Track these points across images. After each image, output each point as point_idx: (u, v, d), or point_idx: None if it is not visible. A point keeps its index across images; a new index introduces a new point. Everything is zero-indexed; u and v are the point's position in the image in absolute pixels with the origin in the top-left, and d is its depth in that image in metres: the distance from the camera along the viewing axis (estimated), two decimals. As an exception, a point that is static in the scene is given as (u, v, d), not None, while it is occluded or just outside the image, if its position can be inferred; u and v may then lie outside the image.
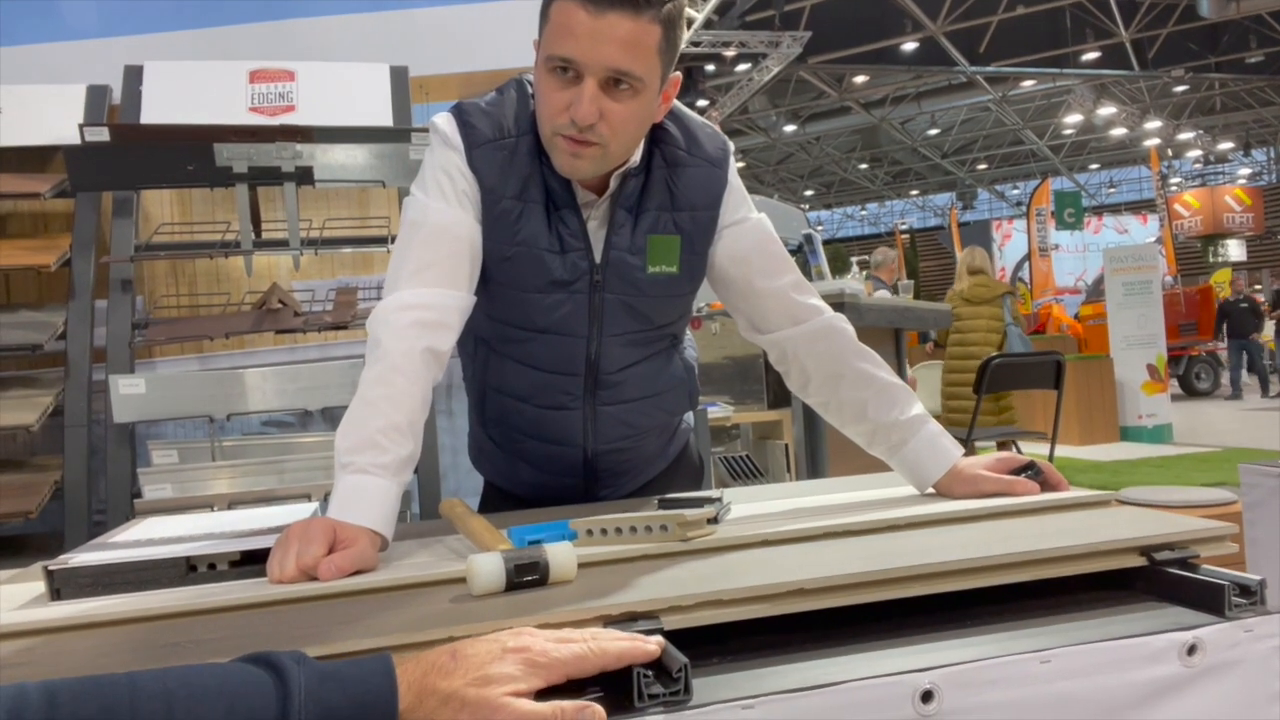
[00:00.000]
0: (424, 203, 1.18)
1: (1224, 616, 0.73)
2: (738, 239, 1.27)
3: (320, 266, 3.47)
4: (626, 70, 1.06)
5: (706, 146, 1.25)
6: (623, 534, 0.95)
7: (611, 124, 1.09)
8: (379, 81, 3.30)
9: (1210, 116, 22.97)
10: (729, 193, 1.26)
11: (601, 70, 1.06)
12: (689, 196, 1.23)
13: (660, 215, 1.22)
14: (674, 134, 1.23)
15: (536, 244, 1.20)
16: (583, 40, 1.05)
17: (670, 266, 1.24)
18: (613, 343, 1.27)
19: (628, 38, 1.05)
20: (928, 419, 1.21)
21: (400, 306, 1.12)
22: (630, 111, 1.09)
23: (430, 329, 1.11)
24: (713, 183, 1.24)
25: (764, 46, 14.44)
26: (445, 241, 1.17)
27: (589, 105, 1.06)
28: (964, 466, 1.16)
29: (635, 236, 1.21)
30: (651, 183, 1.21)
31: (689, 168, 1.23)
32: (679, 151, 1.22)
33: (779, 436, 3.74)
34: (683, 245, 1.24)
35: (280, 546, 0.92)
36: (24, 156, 3.10)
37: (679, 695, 0.62)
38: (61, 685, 0.52)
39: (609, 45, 1.04)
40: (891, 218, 31.93)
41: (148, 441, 2.80)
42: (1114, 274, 8.91)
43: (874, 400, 1.23)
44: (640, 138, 1.17)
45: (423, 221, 1.17)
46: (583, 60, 1.05)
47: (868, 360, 1.25)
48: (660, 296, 1.26)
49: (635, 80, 1.07)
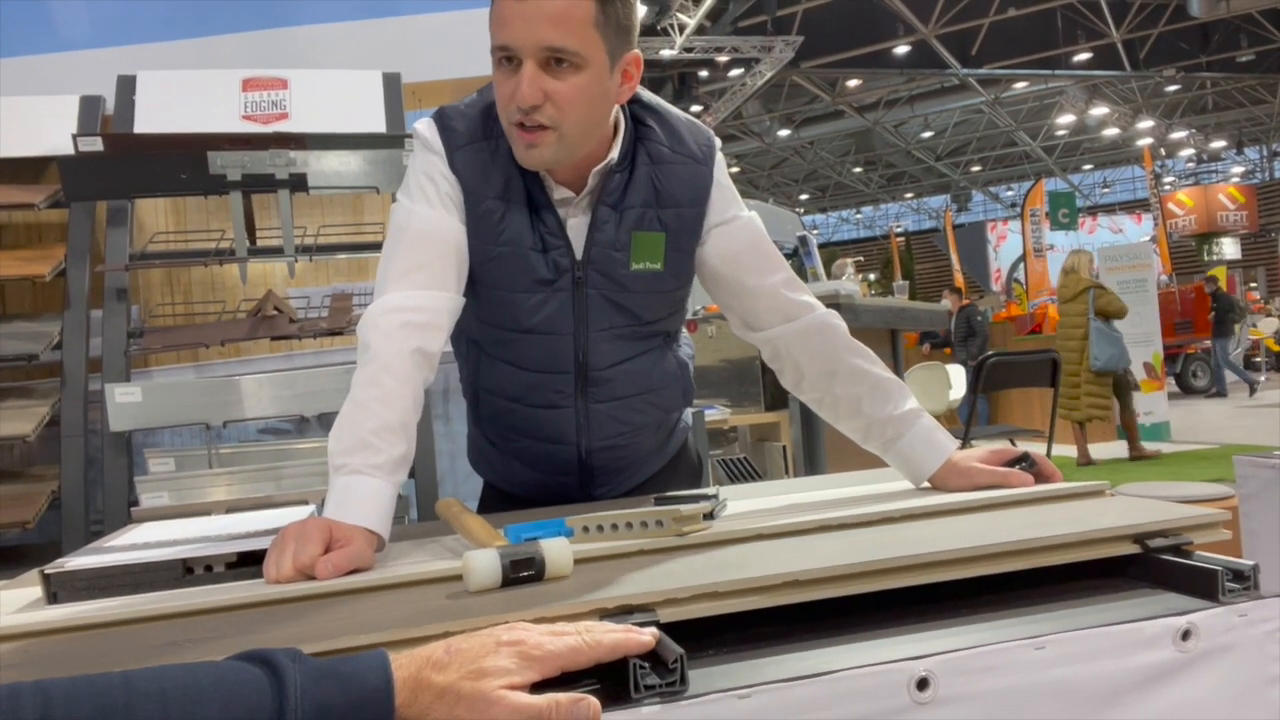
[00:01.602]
0: (409, 207, 1.19)
1: (1218, 601, 0.73)
2: (728, 238, 1.28)
3: (315, 273, 3.47)
4: (560, 46, 1.07)
5: (690, 143, 1.25)
6: (619, 530, 0.95)
7: (558, 104, 1.09)
8: (372, 88, 3.30)
9: (1202, 115, 23.03)
10: (716, 190, 1.26)
11: (535, 50, 1.07)
12: (673, 193, 1.23)
13: (645, 212, 1.22)
14: (657, 131, 1.24)
15: (521, 243, 1.20)
16: (514, 24, 1.06)
17: (654, 263, 1.24)
18: (599, 339, 1.27)
19: (556, 13, 1.06)
20: (921, 413, 1.21)
21: (388, 309, 1.13)
22: (575, 89, 1.09)
23: (419, 330, 1.12)
24: (697, 179, 1.24)
25: (756, 51, 14.47)
26: (431, 244, 1.17)
27: (528, 86, 1.07)
28: (958, 460, 1.16)
29: (619, 233, 1.22)
30: (635, 179, 1.22)
31: (673, 164, 1.23)
32: (662, 149, 1.23)
33: (777, 438, 3.75)
34: (667, 242, 1.24)
35: (276, 547, 0.92)
36: (17, 167, 3.09)
37: (675, 686, 0.62)
38: (56, 685, 0.52)
39: (538, 24, 1.05)
40: (886, 221, 31.96)
41: (144, 450, 2.80)
42: (1109, 273, 8.92)
43: (868, 395, 1.23)
44: (596, 120, 1.16)
45: (408, 226, 1.18)
46: (516, 44, 1.07)
47: (861, 356, 1.25)
48: (644, 292, 1.26)
49: (572, 55, 1.08)
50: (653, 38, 13.05)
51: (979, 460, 1.15)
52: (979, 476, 1.13)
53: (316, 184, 2.89)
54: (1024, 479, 1.11)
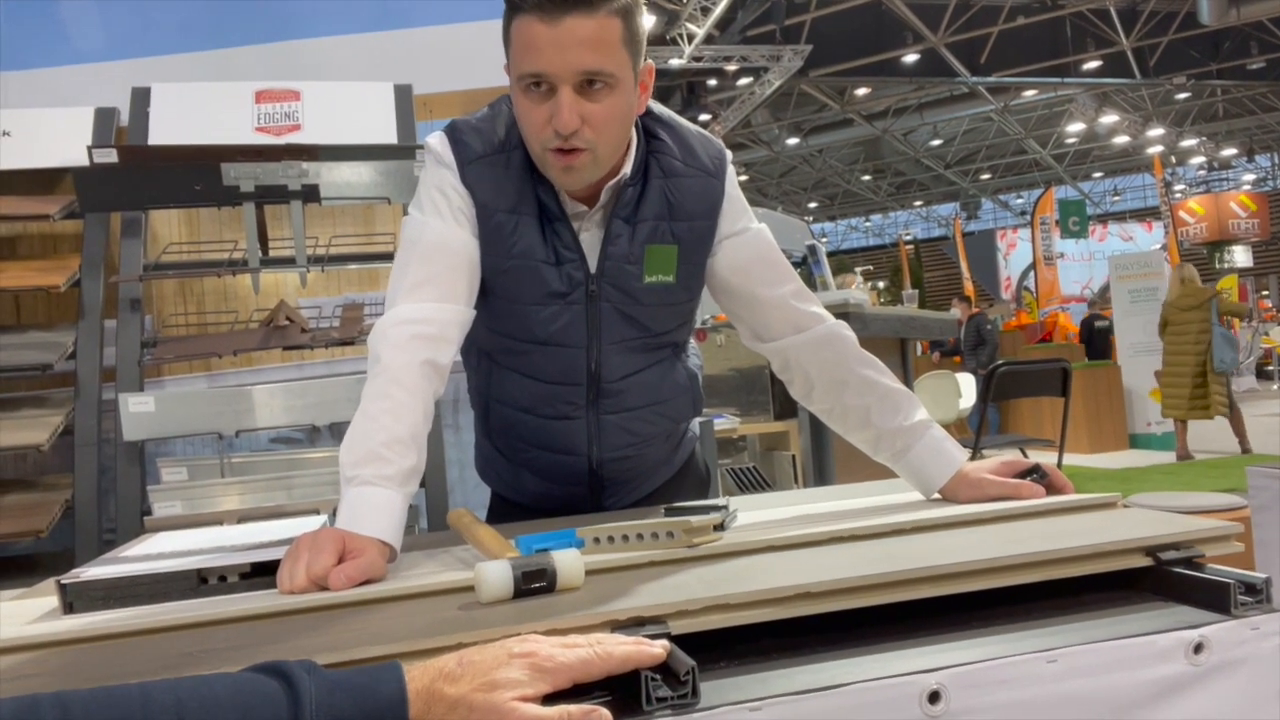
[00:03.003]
0: (420, 221, 1.20)
1: (1230, 615, 0.73)
2: (738, 249, 1.28)
3: (327, 283, 3.49)
4: (597, 70, 1.06)
5: (702, 156, 1.25)
6: (629, 541, 0.96)
7: (595, 126, 1.09)
8: (383, 100, 3.33)
9: (1213, 123, 22.94)
10: (727, 203, 1.26)
11: (572, 76, 1.06)
12: (686, 206, 1.23)
13: (658, 225, 1.22)
14: (669, 144, 1.24)
15: (533, 256, 1.21)
16: (547, 51, 1.05)
17: (667, 276, 1.24)
18: (612, 351, 1.27)
19: (590, 38, 1.05)
20: (931, 424, 1.21)
21: (399, 321, 1.13)
22: (610, 109, 1.10)
23: (429, 342, 1.13)
24: (709, 192, 1.25)
25: (765, 60, 14.49)
26: (442, 257, 1.18)
27: (568, 113, 1.07)
28: (969, 471, 1.16)
29: (633, 246, 1.22)
30: (648, 192, 1.22)
31: (685, 178, 1.23)
32: (675, 162, 1.23)
33: (786, 447, 3.73)
34: (679, 255, 1.24)
35: (290, 557, 0.92)
36: (33, 179, 3.12)
37: (687, 698, 0.63)
38: (74, 696, 0.52)
39: (573, 50, 1.05)
40: (895, 229, 31.90)
41: (157, 459, 2.81)
42: (1120, 281, 8.89)
43: (877, 406, 1.23)
44: (626, 135, 1.17)
45: (419, 239, 1.19)
46: (552, 71, 1.06)
47: (871, 367, 1.25)
48: (657, 305, 1.26)
49: (608, 77, 1.08)
50: (662, 47, 13.09)
51: (990, 471, 1.15)
52: (990, 488, 1.13)
53: (328, 195, 2.91)
54: (1035, 490, 1.10)
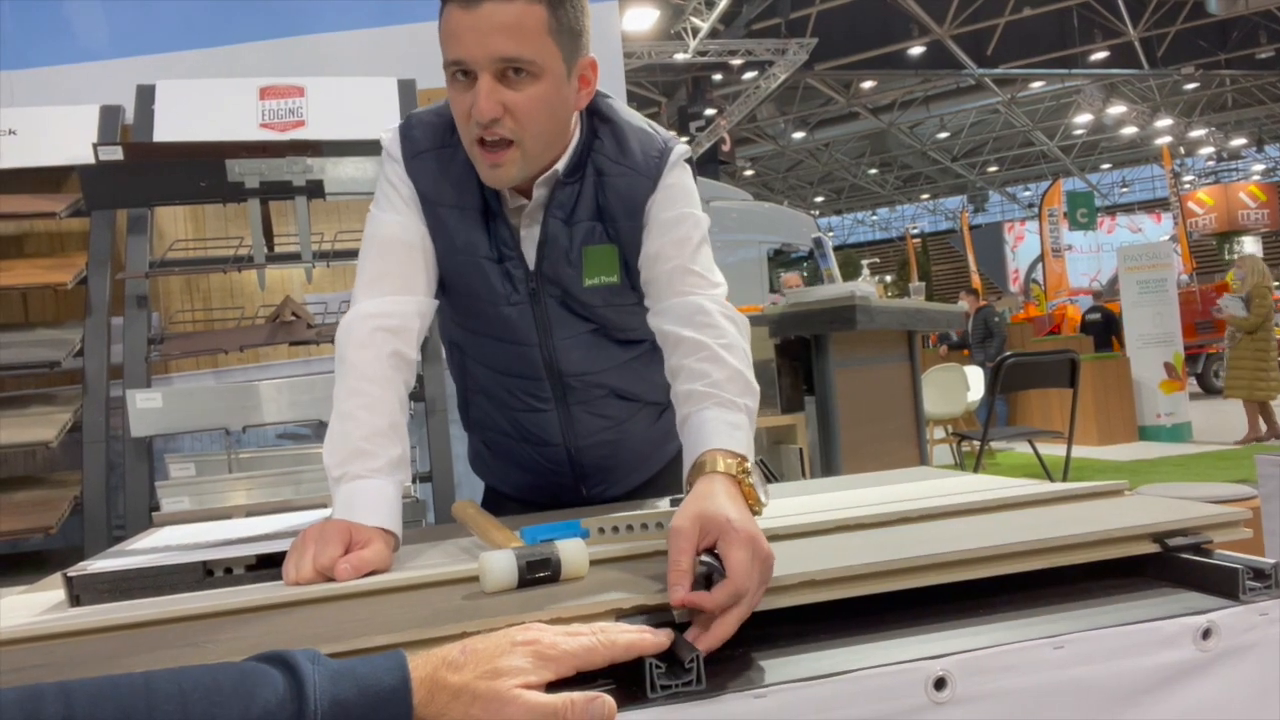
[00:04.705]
0: (376, 215, 1.21)
1: (1238, 600, 0.73)
2: (663, 231, 1.18)
3: (332, 279, 3.49)
4: (514, 56, 1.04)
5: (636, 154, 1.19)
6: (634, 531, 0.96)
7: (517, 115, 1.06)
8: (387, 95, 3.32)
9: (1222, 113, 22.81)
10: (661, 192, 1.18)
11: (489, 62, 1.04)
12: (611, 206, 1.18)
13: (594, 225, 1.19)
14: (604, 142, 1.20)
15: (476, 252, 1.20)
16: (465, 38, 1.03)
17: (610, 277, 1.21)
18: (568, 346, 1.25)
19: (509, 23, 1.03)
20: (724, 401, 1.02)
21: (360, 317, 1.14)
22: (533, 99, 1.06)
23: (393, 334, 1.13)
24: (635, 191, 1.18)
25: (770, 54, 14.45)
26: (397, 249, 1.18)
27: (486, 99, 1.04)
28: (699, 495, 0.86)
29: (571, 248, 1.19)
30: (584, 191, 1.18)
31: (615, 177, 1.18)
32: (606, 160, 1.19)
33: (793, 441, 3.73)
34: (621, 255, 1.20)
35: (296, 549, 0.93)
36: (39, 177, 3.13)
37: (691, 685, 0.63)
38: (78, 686, 0.52)
39: (491, 35, 1.03)
40: (902, 222, 31.83)
41: (165, 455, 2.82)
42: (1128, 272, 8.86)
43: (689, 369, 1.08)
44: (557, 129, 1.13)
45: (375, 234, 1.20)
46: (469, 57, 1.04)
47: (719, 339, 1.09)
48: (603, 306, 1.23)
49: (528, 64, 1.04)
50: (667, 41, 13.05)
51: (690, 519, 0.80)
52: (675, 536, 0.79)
53: (333, 190, 2.91)
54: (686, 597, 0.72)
